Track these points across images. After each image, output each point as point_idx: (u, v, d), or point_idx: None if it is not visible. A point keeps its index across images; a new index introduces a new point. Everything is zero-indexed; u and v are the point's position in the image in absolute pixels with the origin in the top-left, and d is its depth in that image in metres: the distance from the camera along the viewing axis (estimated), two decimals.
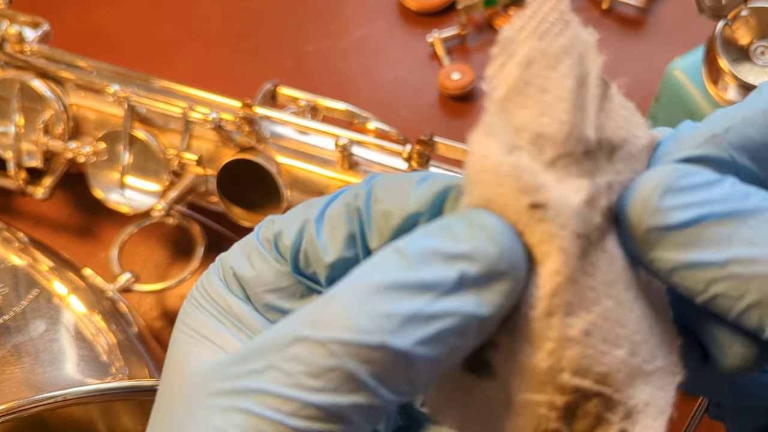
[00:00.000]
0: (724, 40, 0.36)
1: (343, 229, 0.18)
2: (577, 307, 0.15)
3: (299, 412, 0.15)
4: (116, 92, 0.39)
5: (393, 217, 0.17)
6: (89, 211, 0.46)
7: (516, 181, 0.15)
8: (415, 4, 0.52)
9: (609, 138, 0.16)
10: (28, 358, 0.32)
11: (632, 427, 0.16)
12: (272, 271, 0.19)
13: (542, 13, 0.16)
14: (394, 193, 0.18)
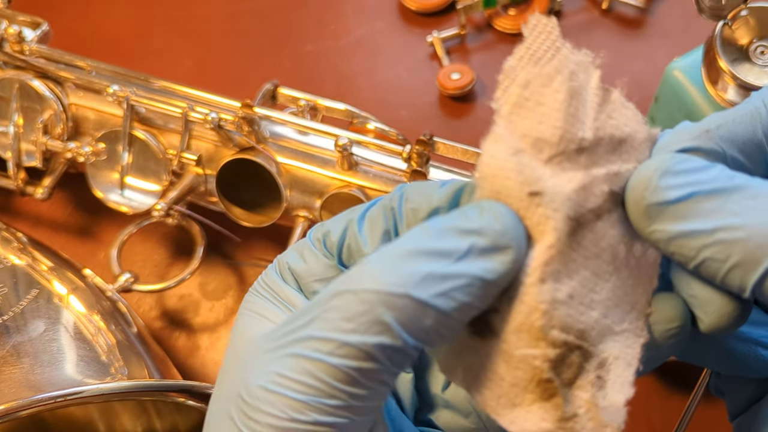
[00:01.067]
0: (723, 40, 0.36)
1: (380, 226, 0.21)
2: (564, 275, 0.19)
3: (336, 351, 0.18)
4: (116, 92, 0.39)
5: (420, 212, 0.21)
6: (89, 211, 0.46)
7: (518, 175, 0.19)
8: (415, 4, 0.52)
9: (611, 134, 0.20)
10: (28, 359, 0.32)
11: (606, 375, 0.20)
12: (320, 264, 0.22)
13: (537, 43, 0.20)
14: (421, 193, 0.21)
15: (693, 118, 0.38)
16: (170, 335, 0.43)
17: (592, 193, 0.19)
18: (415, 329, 0.18)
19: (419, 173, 0.36)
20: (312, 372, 0.18)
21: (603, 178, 0.19)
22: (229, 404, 0.20)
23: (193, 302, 0.44)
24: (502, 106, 0.21)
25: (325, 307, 0.19)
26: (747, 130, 0.20)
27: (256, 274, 0.44)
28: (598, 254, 0.19)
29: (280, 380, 0.18)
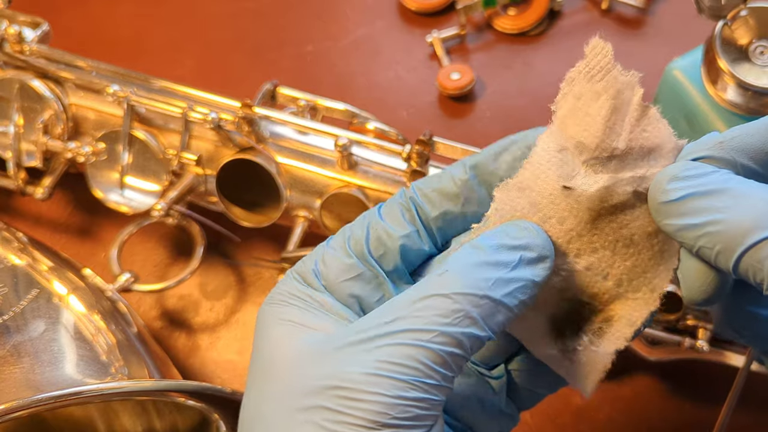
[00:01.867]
0: (723, 40, 0.36)
1: (400, 215, 0.27)
2: (583, 252, 0.25)
3: (435, 339, 0.22)
4: (116, 92, 0.39)
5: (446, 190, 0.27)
6: (89, 211, 0.46)
7: (558, 168, 0.25)
8: (415, 4, 0.52)
9: (642, 144, 0.24)
10: (28, 358, 0.32)
11: (608, 328, 0.25)
12: (343, 264, 0.26)
13: (594, 62, 0.25)
14: (433, 180, 0.27)
15: (693, 118, 0.38)
16: (170, 335, 0.43)
17: (616, 192, 0.24)
18: (491, 321, 0.23)
19: (419, 173, 0.36)
20: (414, 356, 0.22)
21: (628, 181, 0.24)
22: (305, 399, 0.23)
23: (193, 302, 0.44)
24: (559, 109, 0.25)
25: (415, 308, 0.23)
26: (759, 141, 0.23)
27: (256, 274, 0.44)
28: (618, 239, 0.25)
29: (384, 365, 0.22)
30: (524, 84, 0.49)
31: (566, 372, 0.26)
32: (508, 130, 0.48)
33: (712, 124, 0.37)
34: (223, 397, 0.32)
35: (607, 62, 0.25)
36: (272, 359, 0.24)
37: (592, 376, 0.25)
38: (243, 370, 0.42)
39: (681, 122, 0.39)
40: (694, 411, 0.40)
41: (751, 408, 0.40)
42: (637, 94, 0.25)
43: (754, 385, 0.40)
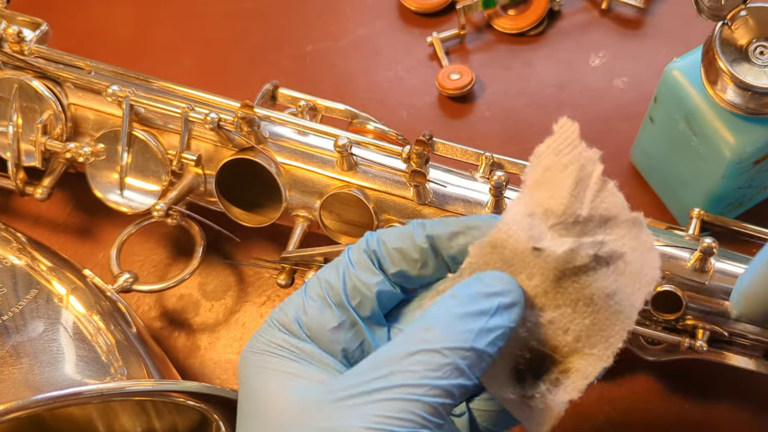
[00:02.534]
0: (722, 41, 0.36)
1: (370, 264, 0.28)
2: (547, 307, 0.27)
3: (428, 392, 0.24)
4: (115, 92, 0.39)
5: (406, 253, 0.28)
6: (88, 211, 0.46)
7: (528, 231, 0.27)
8: (414, 5, 0.52)
9: (602, 214, 0.27)
10: (27, 359, 0.32)
11: (564, 379, 0.27)
12: (326, 314, 0.27)
13: (561, 138, 0.27)
14: (398, 237, 0.28)
15: (692, 118, 0.38)
16: (170, 335, 0.43)
17: (579, 255, 0.26)
18: (477, 370, 0.25)
19: (419, 173, 0.36)
20: (410, 410, 0.24)
21: (589, 245, 0.27)
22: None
23: (192, 302, 0.44)
24: (528, 179, 0.27)
25: (407, 362, 0.24)
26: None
27: (255, 274, 0.44)
28: (579, 298, 0.27)
29: (382, 420, 0.23)
30: (524, 84, 0.49)
31: (523, 416, 0.28)
32: (508, 130, 0.48)
33: (712, 124, 0.37)
34: (222, 397, 0.32)
35: (574, 138, 0.27)
36: (267, 412, 0.26)
37: (547, 423, 0.27)
38: None
39: (680, 122, 0.39)
40: (694, 411, 0.40)
41: (750, 408, 0.40)
42: (597, 168, 0.27)
43: (753, 385, 0.40)
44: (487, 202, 0.37)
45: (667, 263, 0.36)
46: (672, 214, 0.44)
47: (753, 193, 0.42)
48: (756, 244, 0.40)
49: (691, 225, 0.39)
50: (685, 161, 0.40)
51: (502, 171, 0.36)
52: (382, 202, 0.38)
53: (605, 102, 0.48)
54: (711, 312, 0.36)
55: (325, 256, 0.39)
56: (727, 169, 0.38)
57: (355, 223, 0.39)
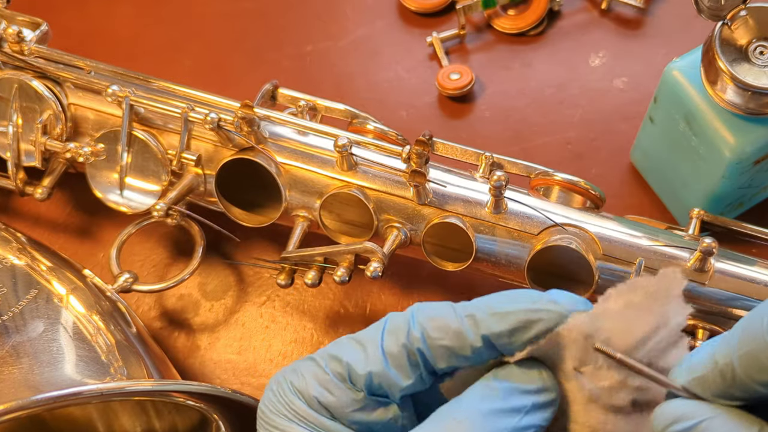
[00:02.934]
0: (722, 41, 0.36)
1: (405, 362, 0.27)
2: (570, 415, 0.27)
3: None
4: (115, 92, 0.39)
5: (456, 350, 0.26)
6: (88, 211, 0.46)
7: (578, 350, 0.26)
8: (414, 5, 0.52)
9: (659, 365, 0.26)
10: (27, 359, 0.32)
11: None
12: (349, 397, 0.27)
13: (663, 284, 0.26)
14: (444, 329, 0.26)
15: (692, 119, 0.38)
16: (169, 335, 0.43)
17: (618, 396, 0.26)
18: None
19: (418, 173, 0.36)
20: None
21: (631, 389, 0.26)
22: None
23: (192, 302, 0.44)
24: (606, 302, 0.26)
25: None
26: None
27: (255, 274, 0.44)
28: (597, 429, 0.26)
29: None
30: (523, 84, 0.49)
31: None
32: (508, 130, 0.48)
33: (712, 124, 0.37)
34: (222, 397, 0.32)
35: (677, 292, 0.26)
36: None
37: None
38: (242, 370, 0.42)
39: (680, 122, 0.39)
40: None
41: None
42: (682, 323, 0.26)
43: None
44: (486, 202, 0.37)
45: (667, 263, 0.36)
46: (672, 214, 0.44)
47: (753, 193, 0.42)
48: (756, 244, 0.40)
49: (691, 225, 0.39)
50: (685, 161, 0.40)
51: (501, 171, 0.36)
52: (382, 202, 0.38)
53: (605, 102, 0.48)
54: (710, 312, 0.36)
55: (325, 256, 0.39)
56: (727, 169, 0.38)
57: (355, 223, 0.40)
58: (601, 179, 0.45)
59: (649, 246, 0.36)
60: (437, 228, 0.37)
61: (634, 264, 0.36)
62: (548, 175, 0.39)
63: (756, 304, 0.35)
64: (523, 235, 0.37)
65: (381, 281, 0.44)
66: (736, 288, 0.36)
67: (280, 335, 0.43)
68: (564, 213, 0.37)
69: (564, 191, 0.38)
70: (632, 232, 0.37)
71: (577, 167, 0.46)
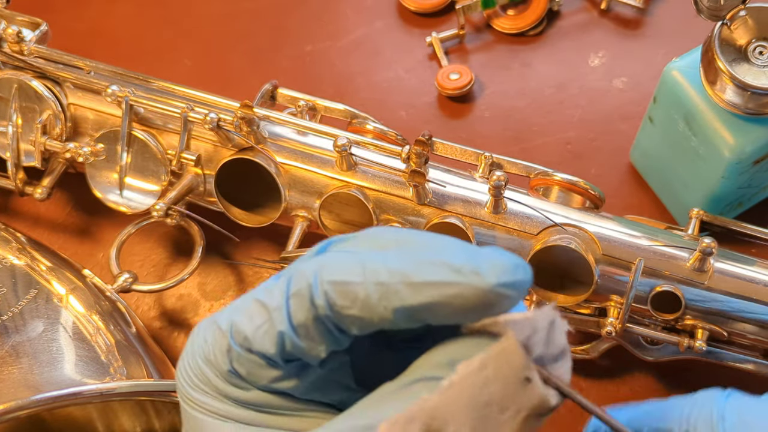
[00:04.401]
0: (722, 41, 0.36)
1: (314, 331, 0.22)
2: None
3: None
4: (114, 92, 0.39)
5: (369, 321, 0.21)
6: (88, 211, 0.46)
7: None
8: (414, 5, 0.52)
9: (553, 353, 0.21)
10: (27, 359, 0.32)
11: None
12: (263, 368, 0.23)
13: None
14: (353, 298, 0.21)
15: (691, 119, 0.38)
16: (169, 335, 0.43)
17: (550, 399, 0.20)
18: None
19: (418, 173, 0.36)
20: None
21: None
22: None
23: (192, 302, 0.44)
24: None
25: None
26: None
27: (255, 274, 0.44)
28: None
29: None
30: (523, 84, 0.49)
31: None
32: (507, 130, 0.48)
33: (711, 124, 0.37)
34: None
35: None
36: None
37: None
38: None
39: (680, 122, 0.39)
40: None
41: None
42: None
43: (753, 385, 0.40)
44: (486, 202, 0.37)
45: (667, 263, 0.36)
46: (671, 214, 0.44)
47: (752, 193, 0.42)
48: (755, 244, 0.41)
49: (691, 225, 0.39)
50: (685, 161, 0.40)
51: (501, 171, 0.36)
52: (382, 202, 0.38)
53: (604, 102, 0.48)
54: (710, 312, 0.36)
55: None
56: (727, 169, 0.38)
57: (354, 223, 0.40)
58: (600, 179, 0.45)
59: (649, 246, 0.36)
60: (437, 228, 0.37)
61: (634, 264, 0.36)
62: (548, 175, 0.39)
63: (756, 303, 0.36)
64: (523, 235, 0.37)
65: None
66: (735, 288, 0.36)
67: None
68: (563, 213, 0.37)
69: (563, 191, 0.38)
70: (632, 232, 0.37)
71: (577, 167, 0.46)
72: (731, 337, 0.37)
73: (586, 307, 0.38)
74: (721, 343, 0.37)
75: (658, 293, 0.36)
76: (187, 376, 0.24)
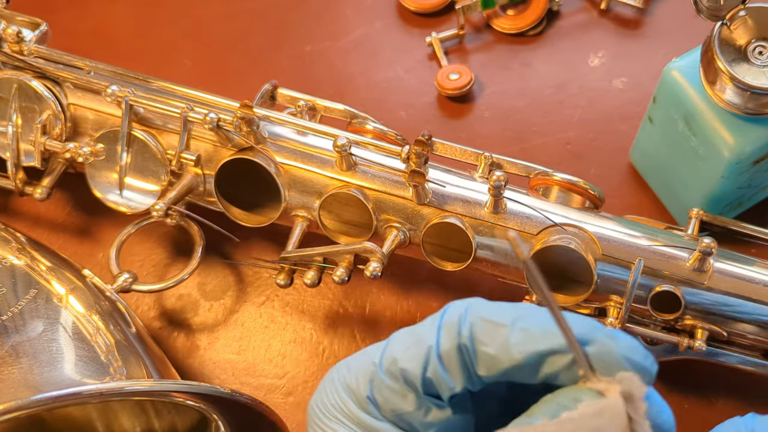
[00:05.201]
0: (721, 41, 0.36)
1: (456, 362, 0.25)
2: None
3: None
4: (114, 92, 0.39)
5: (498, 363, 0.24)
6: (87, 211, 0.46)
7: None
8: (414, 5, 0.52)
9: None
10: (27, 359, 0.32)
11: None
12: (403, 398, 0.25)
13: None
14: (494, 337, 0.24)
15: (691, 119, 0.38)
16: (169, 335, 0.43)
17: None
18: None
19: (418, 173, 0.36)
20: None
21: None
22: None
23: (191, 302, 0.44)
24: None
25: None
26: None
27: (255, 274, 0.44)
28: None
29: None
30: (523, 84, 0.49)
31: None
32: (507, 130, 0.48)
33: (711, 124, 0.37)
34: (221, 397, 0.32)
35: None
36: None
37: None
38: (241, 370, 0.42)
39: (679, 123, 0.39)
40: (692, 411, 0.40)
41: (750, 408, 0.40)
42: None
43: (753, 385, 0.40)
44: (486, 202, 0.37)
45: (666, 263, 0.36)
46: (671, 214, 0.44)
47: (752, 193, 0.42)
48: (755, 244, 0.40)
49: (690, 225, 0.39)
50: (684, 161, 0.40)
51: (501, 171, 0.36)
52: (382, 202, 0.38)
53: (604, 102, 0.48)
54: (710, 312, 0.36)
55: (324, 256, 0.39)
56: (726, 169, 0.38)
57: (354, 223, 0.40)
58: (600, 179, 0.45)
59: (649, 246, 0.36)
60: (436, 228, 0.37)
61: (633, 264, 0.36)
62: (547, 175, 0.39)
63: (755, 304, 0.36)
64: (523, 235, 0.37)
65: (380, 281, 0.44)
66: (735, 288, 0.36)
67: (279, 335, 0.43)
68: (563, 213, 0.37)
69: (563, 191, 0.38)
70: (631, 232, 0.37)
71: (577, 167, 0.46)
72: (731, 337, 0.37)
73: (586, 307, 0.38)
74: (720, 343, 0.37)
75: (658, 293, 0.36)
76: (322, 405, 0.26)
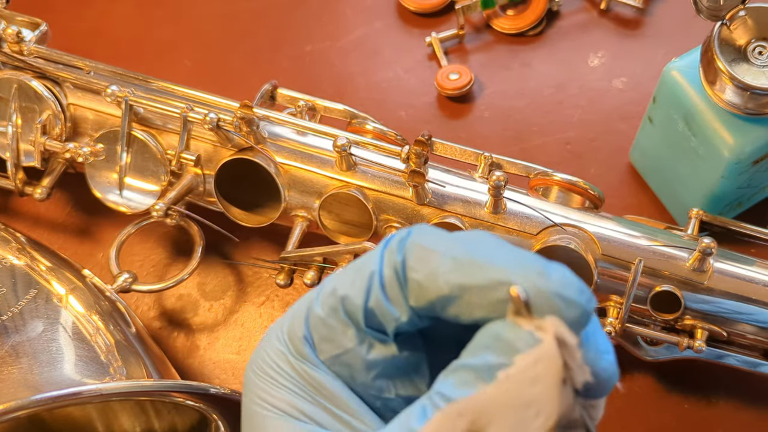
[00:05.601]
0: (721, 41, 0.36)
1: (397, 290, 0.22)
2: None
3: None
4: (114, 92, 0.39)
5: (426, 291, 0.22)
6: (87, 211, 0.46)
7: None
8: (413, 5, 0.52)
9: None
10: (26, 359, 0.32)
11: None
12: (339, 334, 0.23)
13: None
14: (426, 264, 0.22)
15: (691, 119, 0.38)
16: (169, 335, 0.43)
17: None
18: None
19: (418, 173, 0.36)
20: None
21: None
22: None
23: (191, 302, 0.44)
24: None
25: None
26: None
27: (254, 274, 0.44)
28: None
29: None
30: (523, 84, 0.50)
31: None
32: (507, 130, 0.48)
33: (710, 124, 0.37)
34: (221, 397, 0.32)
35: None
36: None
37: None
38: (241, 369, 0.42)
39: (679, 123, 0.39)
40: (692, 411, 0.40)
41: (749, 408, 0.40)
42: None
43: (752, 385, 0.40)
44: (486, 202, 0.37)
45: (666, 263, 0.36)
46: (671, 214, 0.44)
47: (752, 193, 0.42)
48: (755, 244, 0.41)
49: (690, 225, 0.39)
50: (684, 161, 0.40)
51: (500, 171, 0.36)
52: (381, 202, 0.38)
53: (604, 102, 0.48)
54: (710, 312, 0.36)
55: (324, 256, 0.39)
56: (726, 169, 0.38)
57: (354, 223, 0.40)
58: (600, 179, 0.45)
59: (648, 246, 0.36)
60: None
61: (633, 264, 0.36)
62: (547, 175, 0.39)
63: (755, 304, 0.36)
64: (522, 235, 0.37)
65: None
66: (735, 288, 0.36)
67: None
68: (563, 213, 0.37)
69: (563, 191, 0.38)
70: (631, 232, 0.37)
71: (576, 167, 0.46)
72: (731, 337, 0.37)
73: None
74: (720, 343, 0.37)
75: (658, 293, 0.36)
76: (256, 366, 0.24)
